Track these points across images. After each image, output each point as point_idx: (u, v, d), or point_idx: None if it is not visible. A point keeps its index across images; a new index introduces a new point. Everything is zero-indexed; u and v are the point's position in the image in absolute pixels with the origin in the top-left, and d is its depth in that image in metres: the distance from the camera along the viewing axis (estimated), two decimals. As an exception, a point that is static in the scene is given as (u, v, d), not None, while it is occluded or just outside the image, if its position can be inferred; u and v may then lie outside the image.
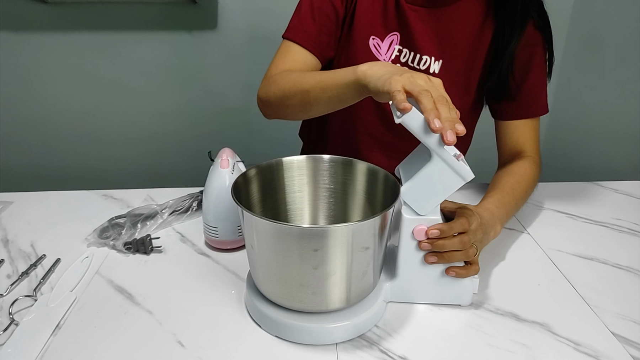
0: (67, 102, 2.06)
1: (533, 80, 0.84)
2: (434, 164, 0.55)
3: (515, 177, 0.81)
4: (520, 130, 0.88)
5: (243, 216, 0.55)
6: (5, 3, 1.86)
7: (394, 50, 0.84)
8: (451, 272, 0.61)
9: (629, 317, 0.62)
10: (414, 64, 0.84)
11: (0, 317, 0.61)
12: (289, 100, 0.75)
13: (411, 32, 0.82)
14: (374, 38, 0.84)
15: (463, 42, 0.83)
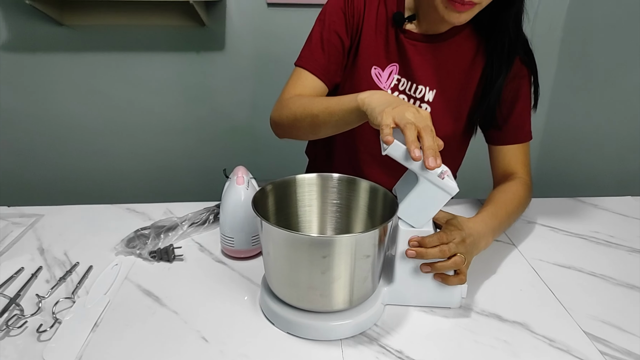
0: (80, 120, 2.16)
1: (519, 110, 0.93)
2: (421, 185, 0.64)
3: (507, 195, 0.89)
4: (511, 154, 0.96)
5: (261, 226, 0.63)
6: (26, 26, 1.96)
7: (393, 79, 0.93)
8: (437, 277, 0.69)
9: (600, 318, 0.70)
10: (410, 92, 0.93)
11: (45, 317, 0.69)
12: (299, 123, 0.84)
13: (409, 63, 0.92)
14: (376, 68, 0.93)
15: (456, 74, 0.93)
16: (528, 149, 0.98)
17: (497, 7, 0.84)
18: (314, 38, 0.93)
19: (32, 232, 0.91)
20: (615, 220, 0.99)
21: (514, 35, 0.87)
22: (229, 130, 2.21)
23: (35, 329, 0.65)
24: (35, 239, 0.89)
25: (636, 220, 0.99)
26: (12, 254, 0.84)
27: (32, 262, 0.82)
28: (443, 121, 0.93)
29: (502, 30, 0.87)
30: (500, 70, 0.89)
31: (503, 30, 0.87)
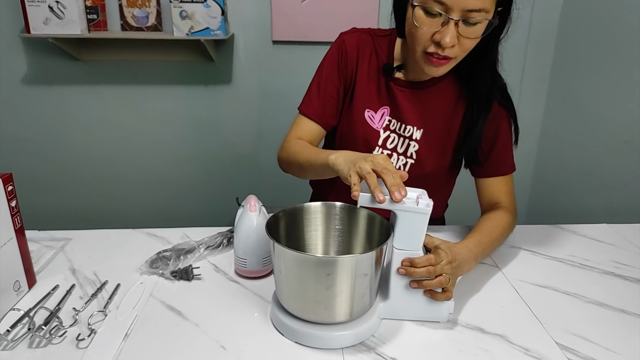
0: (91, 149, 2.27)
1: (500, 147, 1.04)
2: (400, 217, 0.75)
3: (492, 222, 1.00)
4: (494, 185, 1.07)
5: (274, 247, 0.73)
6: (46, 61, 2.09)
7: (385, 120, 1.05)
8: (427, 294, 0.79)
9: (570, 331, 0.80)
10: (400, 132, 1.05)
11: (81, 328, 0.78)
12: (292, 166, 1.01)
13: (398, 107, 1.04)
14: (369, 110, 1.05)
15: (440, 116, 1.04)
16: (511, 180, 1.09)
17: (473, 58, 0.96)
18: (313, 87, 1.07)
19: (62, 254, 1.01)
20: (591, 246, 1.09)
21: (491, 83, 0.99)
22: (234, 159, 2.32)
23: (74, 338, 0.75)
24: (67, 260, 0.98)
25: (609, 246, 1.09)
26: (47, 273, 0.93)
27: (66, 280, 0.91)
28: (430, 157, 1.05)
29: (480, 81, 0.99)
30: (480, 115, 1.00)
31: (480, 80, 0.99)
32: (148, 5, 1.96)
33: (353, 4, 2.04)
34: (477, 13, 0.84)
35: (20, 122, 2.19)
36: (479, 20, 0.85)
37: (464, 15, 0.84)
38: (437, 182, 1.11)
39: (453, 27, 0.85)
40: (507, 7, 0.91)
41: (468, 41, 0.88)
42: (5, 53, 2.06)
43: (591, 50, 1.95)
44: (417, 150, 1.06)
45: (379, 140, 1.06)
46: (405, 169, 1.07)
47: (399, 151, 1.07)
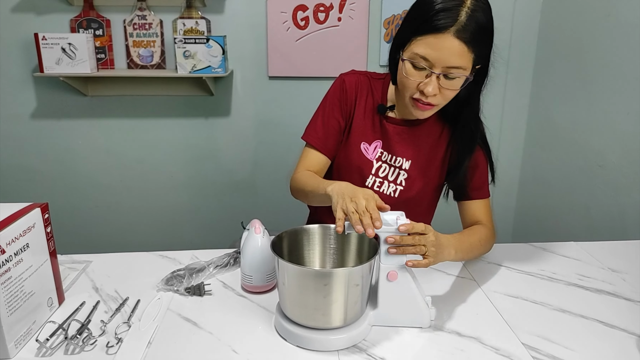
0: (95, 178, 2.39)
1: (478, 176, 1.21)
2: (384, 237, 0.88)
3: (471, 231, 1.15)
4: (475, 207, 1.22)
5: (278, 263, 0.85)
6: (55, 97, 2.22)
7: (377, 152, 1.21)
8: (409, 263, 0.88)
9: (535, 333, 0.92)
10: (391, 162, 1.21)
11: (109, 337, 0.89)
12: (300, 195, 1.16)
13: (390, 141, 1.20)
14: (364, 143, 1.21)
15: (426, 149, 1.21)
16: (489, 204, 1.24)
17: (457, 104, 1.12)
18: (317, 119, 1.22)
19: (85, 274, 1.12)
20: (559, 261, 1.21)
21: (475, 129, 1.15)
22: (232, 185, 2.45)
23: (104, 346, 0.86)
24: (89, 280, 1.09)
25: (575, 261, 1.22)
26: (73, 292, 1.04)
27: (90, 297, 1.02)
28: (417, 183, 1.21)
29: (464, 126, 1.15)
30: (465, 155, 1.17)
31: (465, 126, 1.15)
32: (153, 45, 2.11)
33: (343, 43, 2.21)
34: (455, 70, 0.99)
35: (29, 153, 2.31)
36: (458, 75, 1.00)
37: (444, 70, 0.99)
38: (422, 205, 1.26)
39: (435, 80, 1.01)
40: (485, 64, 1.06)
41: (448, 92, 1.03)
42: (18, 90, 2.19)
43: (566, 83, 2.12)
44: (406, 179, 1.21)
45: (372, 170, 1.21)
46: (395, 194, 1.21)
47: (390, 179, 1.22)
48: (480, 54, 1.02)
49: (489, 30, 1.01)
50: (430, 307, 0.93)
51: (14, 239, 0.83)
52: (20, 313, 0.85)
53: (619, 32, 1.78)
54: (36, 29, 2.04)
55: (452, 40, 0.96)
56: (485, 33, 1.01)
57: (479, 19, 0.98)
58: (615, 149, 1.83)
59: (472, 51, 0.99)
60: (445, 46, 0.97)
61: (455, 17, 0.96)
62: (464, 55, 0.98)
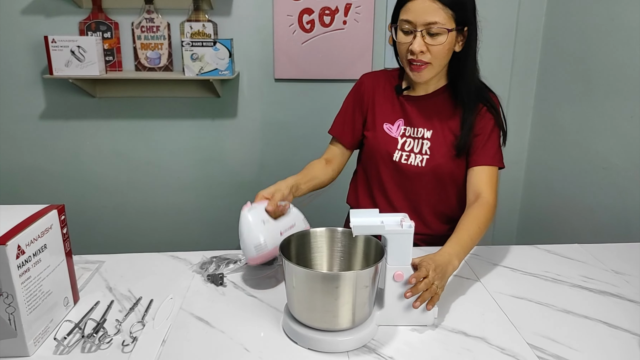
0: (102, 179, 2.41)
1: (486, 142, 1.28)
2: (390, 239, 0.90)
3: (469, 219, 1.16)
4: (479, 176, 1.27)
5: (286, 266, 0.87)
6: (64, 99, 2.25)
7: (401, 129, 1.34)
8: (429, 307, 0.93)
9: (540, 333, 0.94)
10: (414, 135, 1.32)
11: (124, 336, 0.91)
12: None
13: (409, 116, 1.33)
14: (386, 124, 1.35)
15: (443, 118, 1.31)
16: (494, 174, 1.28)
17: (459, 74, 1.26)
18: (338, 114, 1.44)
19: (98, 275, 1.14)
20: (563, 263, 1.23)
21: (473, 86, 1.27)
22: (239, 187, 2.47)
23: (120, 344, 0.88)
24: (102, 280, 1.12)
25: (579, 263, 1.23)
26: (87, 291, 1.07)
27: (105, 297, 1.05)
28: (441, 150, 1.29)
29: (464, 84, 1.27)
30: (469, 113, 1.27)
31: (464, 84, 1.27)
32: (160, 48, 2.14)
33: (348, 46, 2.23)
34: (434, 25, 1.14)
35: (38, 154, 2.33)
36: (438, 31, 1.15)
37: (425, 28, 1.15)
38: (450, 176, 1.32)
39: (420, 38, 1.17)
40: (470, 27, 1.20)
41: (435, 48, 1.17)
42: (27, 92, 2.22)
43: (570, 85, 2.13)
44: (430, 147, 1.30)
45: (398, 145, 1.33)
46: (423, 163, 1.31)
47: (415, 151, 1.32)
48: (460, 12, 1.16)
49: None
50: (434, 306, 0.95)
51: (33, 240, 0.85)
52: (38, 312, 0.87)
53: (623, 35, 1.80)
54: (45, 32, 2.06)
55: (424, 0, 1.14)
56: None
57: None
58: (619, 151, 1.84)
59: (447, 6, 1.14)
60: (420, 6, 1.15)
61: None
62: (438, 12, 1.14)
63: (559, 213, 2.24)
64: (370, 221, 0.93)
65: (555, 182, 2.26)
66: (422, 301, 0.92)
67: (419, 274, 0.92)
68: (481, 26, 1.23)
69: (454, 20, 1.16)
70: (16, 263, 0.81)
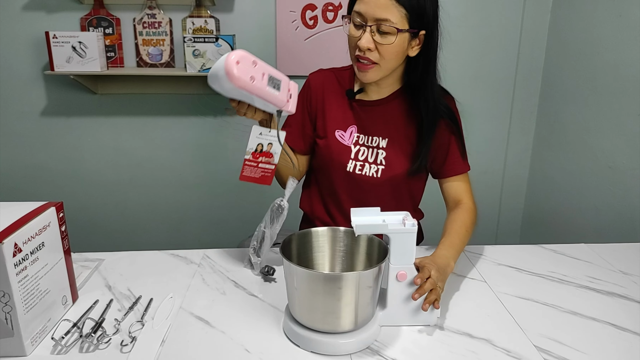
0: (103, 175, 2.40)
1: (452, 152, 1.24)
2: (393, 238, 0.89)
3: (457, 223, 1.16)
4: (455, 185, 1.25)
5: (287, 267, 0.85)
6: (65, 95, 2.23)
7: (354, 137, 1.25)
8: (437, 305, 0.92)
9: (547, 335, 0.92)
10: (368, 143, 1.24)
11: (123, 336, 0.90)
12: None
13: (363, 122, 1.24)
14: (338, 131, 1.25)
15: (399, 126, 1.23)
16: (467, 179, 1.26)
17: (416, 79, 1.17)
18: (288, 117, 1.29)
19: (98, 273, 1.13)
20: (569, 263, 1.21)
21: (433, 98, 1.18)
22: (239, 184, 2.44)
23: (118, 344, 0.87)
24: (102, 278, 1.10)
25: (585, 263, 1.21)
26: (86, 290, 1.05)
27: (104, 295, 1.03)
28: (398, 160, 1.24)
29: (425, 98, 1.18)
30: (430, 130, 1.20)
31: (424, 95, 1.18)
32: (162, 44, 2.12)
33: (352, 41, 2.21)
34: (384, 22, 1.05)
35: (39, 150, 2.32)
36: (388, 30, 1.06)
37: (376, 23, 1.06)
38: (407, 184, 1.27)
39: (368, 33, 1.08)
40: (428, 30, 1.10)
41: (384, 47, 1.08)
42: (28, 88, 2.21)
43: (575, 83, 2.11)
44: (385, 157, 1.24)
45: (351, 154, 1.25)
46: (378, 174, 1.24)
47: (370, 160, 1.24)
48: (415, 15, 1.07)
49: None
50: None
51: (30, 238, 0.84)
52: (36, 311, 0.85)
53: (630, 32, 1.77)
54: (47, 28, 2.05)
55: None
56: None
57: None
58: (624, 150, 1.82)
59: (401, 5, 1.05)
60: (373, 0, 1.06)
61: None
62: (390, 9, 1.05)
63: (564, 212, 2.22)
64: (373, 220, 0.91)
65: (560, 181, 2.24)
66: (429, 302, 0.91)
67: (422, 275, 0.91)
68: (444, 32, 1.14)
69: (407, 21, 1.06)
70: (13, 261, 0.79)
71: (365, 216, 0.93)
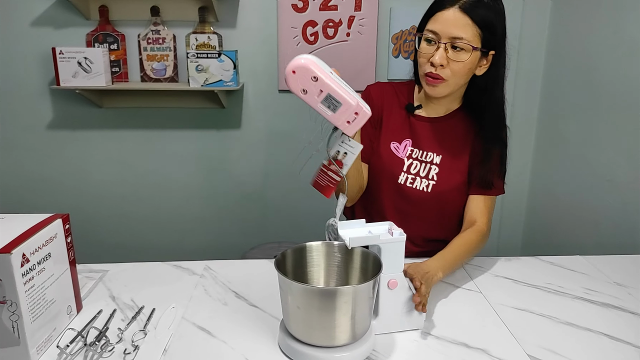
0: (108, 188, 2.43)
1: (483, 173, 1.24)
2: (383, 248, 0.92)
3: (460, 241, 1.18)
4: (474, 203, 1.27)
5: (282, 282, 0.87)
6: (71, 109, 2.27)
7: (407, 150, 1.28)
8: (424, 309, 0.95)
9: (541, 345, 0.94)
10: (421, 158, 1.27)
11: (126, 344, 0.92)
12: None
13: (419, 138, 1.27)
14: (394, 142, 1.28)
15: (454, 144, 1.27)
16: (489, 203, 1.27)
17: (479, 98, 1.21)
18: None
19: (102, 283, 1.15)
20: (566, 275, 1.23)
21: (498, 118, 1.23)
22: (243, 196, 2.48)
23: (122, 352, 0.89)
24: (106, 289, 1.13)
25: (582, 275, 1.23)
26: (90, 300, 1.08)
27: (107, 306, 1.05)
28: (451, 175, 1.26)
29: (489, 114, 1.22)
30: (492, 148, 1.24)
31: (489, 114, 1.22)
32: (166, 59, 2.16)
33: (351, 58, 2.25)
34: (459, 40, 1.10)
35: (45, 163, 2.36)
36: (463, 46, 1.10)
37: (450, 41, 1.11)
38: (456, 201, 1.30)
39: (442, 50, 1.12)
40: (498, 51, 1.16)
41: (456, 65, 1.12)
42: (34, 102, 2.25)
43: (573, 99, 2.14)
44: (437, 173, 1.26)
45: (404, 167, 1.27)
46: (428, 189, 1.26)
47: (422, 175, 1.27)
48: (488, 34, 1.12)
49: (493, 10, 1.13)
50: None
51: (37, 249, 0.86)
52: (41, 320, 0.88)
53: (626, 48, 1.80)
54: (53, 43, 2.09)
55: (455, 12, 1.10)
56: (488, 10, 1.12)
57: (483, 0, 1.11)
58: (622, 163, 1.84)
59: (475, 25, 1.10)
60: (449, 18, 1.10)
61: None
62: (467, 27, 1.10)
63: (564, 225, 2.24)
64: (363, 232, 0.95)
65: (560, 194, 2.26)
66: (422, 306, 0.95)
67: (416, 282, 0.95)
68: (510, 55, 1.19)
69: (479, 40, 1.12)
70: (21, 271, 0.82)
71: (352, 228, 0.96)
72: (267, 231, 2.48)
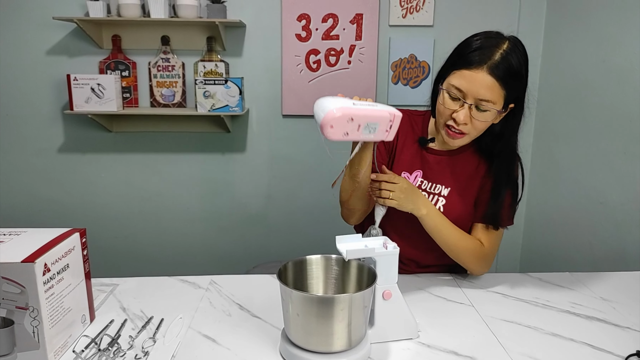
0: (115, 208, 2.50)
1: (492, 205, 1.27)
2: (378, 260, 0.98)
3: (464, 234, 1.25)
4: (480, 230, 1.30)
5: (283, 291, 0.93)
6: (82, 133, 2.37)
7: (417, 181, 1.31)
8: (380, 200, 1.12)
9: (527, 354, 0.99)
10: (430, 190, 1.30)
11: (136, 351, 0.98)
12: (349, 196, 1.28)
13: (429, 170, 1.31)
14: (405, 173, 1.31)
15: (464, 177, 1.30)
16: (495, 234, 1.31)
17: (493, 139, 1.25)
18: None
19: (112, 296, 1.22)
20: (553, 290, 1.29)
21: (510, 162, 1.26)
22: (246, 218, 2.55)
23: (133, 357, 0.95)
24: (117, 301, 1.19)
25: (569, 290, 1.29)
26: (102, 311, 1.14)
27: (118, 316, 1.12)
28: (457, 207, 1.30)
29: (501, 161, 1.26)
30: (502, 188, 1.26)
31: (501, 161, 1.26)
32: (175, 85, 2.26)
33: (352, 85, 2.34)
34: (486, 102, 1.11)
35: (56, 185, 2.44)
36: (488, 108, 1.12)
37: (476, 102, 1.12)
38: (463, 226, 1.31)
39: (467, 109, 1.13)
40: (518, 104, 1.18)
41: (479, 123, 1.15)
42: (47, 126, 2.35)
43: (566, 125, 2.22)
44: (444, 205, 1.30)
45: None
46: None
47: None
48: (512, 93, 1.14)
49: (520, 73, 1.14)
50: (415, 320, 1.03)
51: (57, 259, 0.94)
52: (59, 327, 0.94)
53: (614, 76, 1.89)
54: (68, 70, 2.20)
55: (485, 75, 1.09)
56: (516, 74, 1.12)
57: (512, 62, 1.11)
58: (614, 186, 1.91)
59: (502, 88, 1.10)
60: (478, 79, 1.09)
61: (490, 56, 1.10)
62: (494, 90, 1.10)
63: (560, 247, 2.29)
64: (359, 245, 1.01)
65: (555, 217, 2.32)
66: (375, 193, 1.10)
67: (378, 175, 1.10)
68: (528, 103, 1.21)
69: (503, 100, 1.13)
70: (42, 279, 0.89)
71: (349, 242, 1.02)
72: (269, 251, 2.55)
